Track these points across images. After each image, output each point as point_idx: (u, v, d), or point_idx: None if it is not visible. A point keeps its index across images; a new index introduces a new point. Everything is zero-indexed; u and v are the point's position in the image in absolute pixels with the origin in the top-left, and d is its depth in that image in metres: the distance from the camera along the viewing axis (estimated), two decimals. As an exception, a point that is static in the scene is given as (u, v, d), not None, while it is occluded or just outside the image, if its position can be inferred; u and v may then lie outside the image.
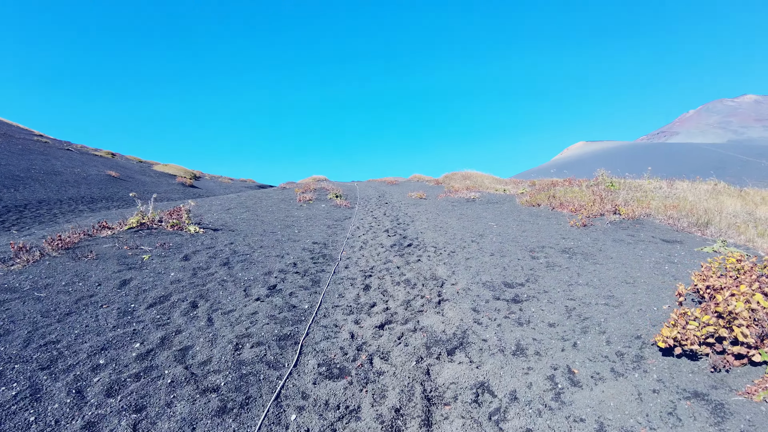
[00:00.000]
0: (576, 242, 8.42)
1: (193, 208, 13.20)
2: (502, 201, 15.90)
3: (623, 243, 8.13)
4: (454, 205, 15.91)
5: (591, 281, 5.94)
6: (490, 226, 11.03)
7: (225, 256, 7.29)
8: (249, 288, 5.82)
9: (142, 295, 5.35)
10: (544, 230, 9.96)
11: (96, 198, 17.79)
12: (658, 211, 10.52)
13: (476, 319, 4.89)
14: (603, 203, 11.35)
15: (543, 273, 6.50)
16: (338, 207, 15.25)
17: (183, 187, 28.28)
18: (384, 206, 16.21)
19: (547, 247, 8.15)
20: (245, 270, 6.59)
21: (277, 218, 12.05)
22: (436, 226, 11.30)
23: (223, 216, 11.68)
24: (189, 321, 4.73)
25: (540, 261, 7.20)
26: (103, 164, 27.95)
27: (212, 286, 5.79)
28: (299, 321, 4.87)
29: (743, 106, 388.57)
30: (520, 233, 9.77)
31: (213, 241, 8.27)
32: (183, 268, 6.47)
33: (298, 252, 7.97)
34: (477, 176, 26.65)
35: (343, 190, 21.81)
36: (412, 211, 14.56)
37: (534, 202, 13.68)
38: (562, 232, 9.63)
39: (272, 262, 7.12)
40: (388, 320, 4.93)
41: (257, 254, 7.58)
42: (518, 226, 10.74)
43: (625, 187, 13.06)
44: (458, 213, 13.88)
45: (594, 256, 7.28)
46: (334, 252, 8.20)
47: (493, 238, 9.28)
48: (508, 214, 12.87)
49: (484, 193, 18.59)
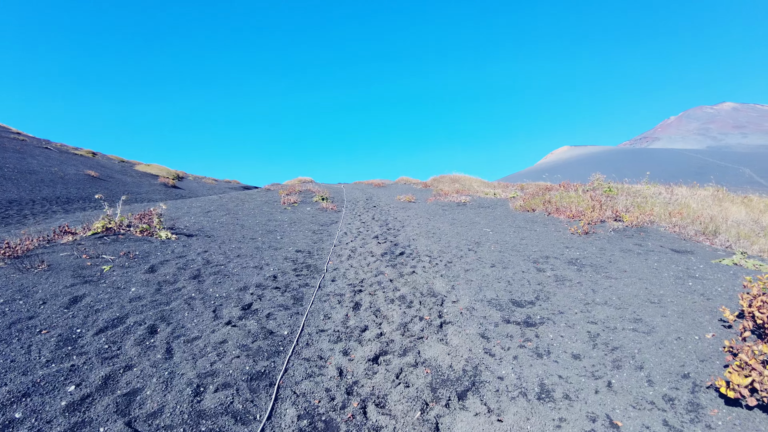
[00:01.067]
0: (582, 252, 7.73)
1: (170, 211, 12.21)
2: (494, 205, 15.24)
3: (632, 253, 7.47)
4: (444, 209, 15.19)
5: (610, 299, 5.22)
6: (486, 232, 10.31)
7: (196, 267, 6.39)
8: (220, 308, 4.93)
9: (93, 317, 4.43)
10: (544, 238, 9.27)
11: (72, 198, 16.59)
12: (661, 218, 9.94)
13: (487, 348, 4.10)
14: (602, 209, 10.74)
15: (553, 288, 5.77)
16: (324, 210, 14.38)
17: (165, 188, 27.01)
18: (372, 210, 15.40)
19: (552, 258, 7.44)
20: (217, 285, 5.71)
21: (258, 222, 11.14)
22: (429, 232, 10.53)
23: (200, 220, 10.72)
24: (143, 352, 3.84)
25: (547, 274, 6.48)
26: (82, 163, 26.52)
27: (177, 305, 4.89)
28: (277, 352, 4.01)
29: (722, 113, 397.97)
30: (519, 241, 9.06)
31: (185, 249, 7.35)
32: (146, 282, 5.55)
33: (279, 262, 7.10)
34: (465, 179, 26.06)
35: (330, 193, 20.93)
36: (401, 216, 13.78)
37: (528, 207, 13.03)
38: (563, 240, 8.95)
39: (249, 275, 6.24)
40: (383, 350, 4.09)
41: (233, 265, 6.68)
42: (515, 232, 10.03)
43: (624, 193, 12.49)
44: (450, 218, 13.14)
45: (605, 268, 6.59)
46: (320, 262, 7.35)
47: (491, 247, 8.55)
48: (502, 219, 12.18)
49: (475, 197, 17.93)
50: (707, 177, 17.13)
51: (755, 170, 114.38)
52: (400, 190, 24.30)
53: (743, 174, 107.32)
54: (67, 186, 18.86)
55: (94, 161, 30.28)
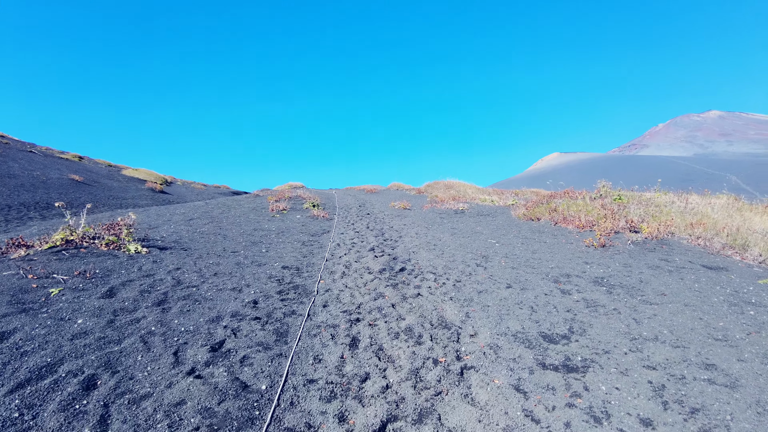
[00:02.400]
0: (605, 269, 6.81)
1: (150, 218, 11.10)
2: (494, 213, 14.34)
3: (662, 271, 6.57)
4: (442, 217, 14.25)
5: (660, 334, 4.28)
6: (491, 244, 9.37)
7: (164, 289, 5.32)
8: (184, 348, 3.89)
9: (15, 364, 3.36)
10: (557, 251, 8.35)
11: (52, 204, 15.35)
12: (681, 230, 9.09)
13: (527, 410, 3.10)
14: (615, 219, 9.87)
15: (587, 317, 4.83)
16: (315, 218, 13.34)
17: (152, 193, 25.65)
18: (366, 218, 14.40)
19: (574, 276, 6.51)
20: (185, 314, 4.66)
21: (243, 232, 10.08)
22: (429, 243, 9.56)
23: (180, 229, 9.64)
24: (66, 424, 2.82)
25: (573, 297, 5.54)
26: (67, 168, 25.08)
27: (130, 345, 3.84)
28: (250, 420, 2.92)
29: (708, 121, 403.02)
30: (531, 255, 8.13)
31: (154, 266, 6.28)
32: (99, 311, 4.48)
33: (262, 282, 6.06)
34: (460, 186, 25.22)
35: (321, 199, 19.90)
36: (397, 224, 12.80)
37: (533, 216, 12.14)
38: (580, 254, 8.04)
39: (225, 300, 5.19)
40: (391, 414, 3.05)
41: (207, 287, 5.63)
42: (524, 244, 9.11)
43: (635, 201, 11.66)
44: (449, 227, 12.20)
45: (639, 290, 5.66)
46: (309, 281, 6.32)
47: (502, 262, 7.60)
48: (506, 229, 11.26)
49: (473, 204, 17.04)
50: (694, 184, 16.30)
51: (741, 178, 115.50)
52: (393, 196, 23.36)
53: (730, 181, 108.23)
54: (48, 191, 17.56)
55: (80, 165, 28.86)
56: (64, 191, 18.18)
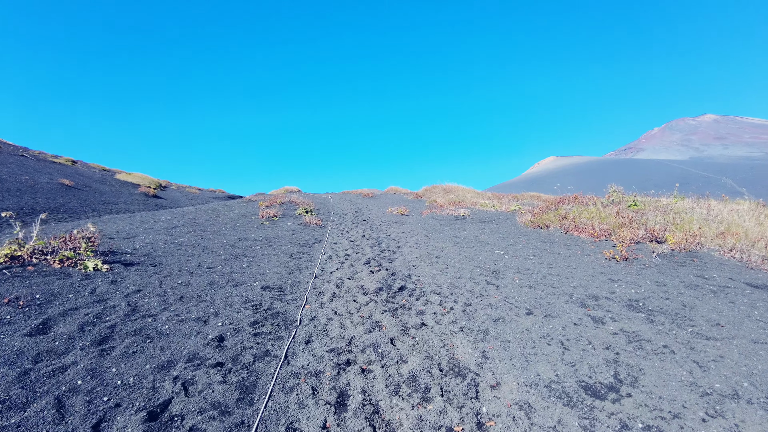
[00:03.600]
0: (636, 288, 5.83)
1: (131, 226, 10.04)
2: (497, 220, 13.36)
3: (704, 291, 5.59)
4: (442, 223, 13.26)
5: (740, 387, 3.28)
6: (500, 256, 8.38)
7: (112, 321, 4.30)
8: (111, 416, 2.79)
9: None
10: (575, 265, 7.37)
11: (38, 209, 14.15)
12: (709, 239, 8.14)
13: None
14: (634, 227, 8.91)
15: (633, 358, 3.83)
16: (307, 226, 12.31)
17: (145, 198, 24.46)
18: (362, 224, 13.39)
19: (602, 298, 5.52)
20: (128, 358, 3.64)
21: (226, 243, 9.04)
22: (430, 255, 8.56)
23: (158, 239, 8.60)
24: None
25: (609, 328, 4.55)
26: (59, 172, 23.88)
27: (36, 412, 2.76)
28: None
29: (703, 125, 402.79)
30: (547, 270, 7.15)
31: (111, 289, 5.25)
32: (17, 356, 3.44)
33: (235, 308, 5.03)
34: (459, 190, 24.24)
35: (316, 204, 18.88)
36: (395, 232, 11.80)
37: (540, 223, 11.17)
38: (601, 268, 7.06)
39: (184, 336, 4.16)
40: None
41: (167, 316, 4.60)
42: (537, 257, 8.12)
43: (651, 207, 10.70)
44: (451, 234, 11.21)
45: (687, 319, 4.67)
46: (292, 306, 5.29)
47: (515, 279, 6.61)
48: (513, 238, 10.28)
49: (474, 209, 16.06)
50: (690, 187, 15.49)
51: (736, 180, 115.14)
52: (390, 200, 22.36)
53: (725, 184, 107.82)
54: (35, 196, 16.43)
55: (73, 170, 27.68)
56: (51, 196, 17.07)
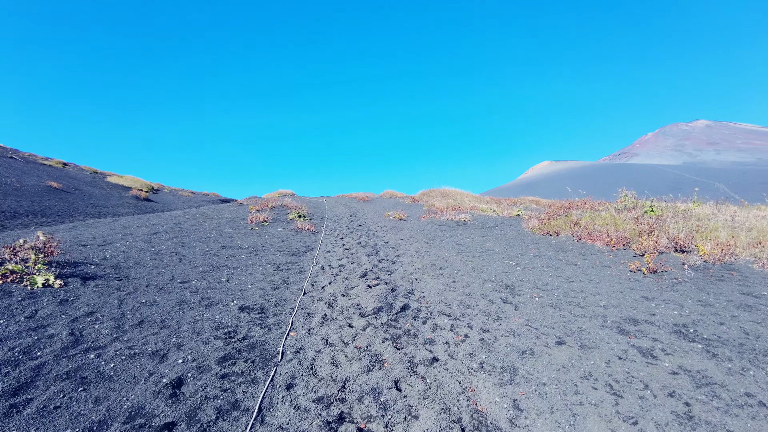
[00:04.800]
0: (679, 310, 4.95)
1: (111, 232, 9.05)
2: (501, 225, 12.50)
3: (763, 314, 4.73)
4: (443, 230, 12.38)
5: None
6: (511, 267, 7.49)
7: (42, 358, 3.33)
8: None
9: None
10: (598, 278, 6.50)
11: (21, 213, 13.11)
12: (743, 249, 7.31)
13: None
14: (655, 236, 8.06)
15: (712, 414, 2.91)
16: (299, 232, 11.36)
17: (136, 201, 23.31)
18: (357, 230, 12.46)
19: (642, 322, 4.64)
20: (44, 419, 2.63)
21: (208, 251, 8.09)
22: (434, 265, 7.66)
23: (133, 247, 7.63)
24: None
25: (664, 365, 3.65)
26: (48, 174, 22.71)
27: None
28: None
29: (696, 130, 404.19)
30: (568, 284, 6.26)
31: (57, 310, 4.29)
32: None
33: (203, 337, 4.07)
34: (457, 194, 23.37)
35: (309, 208, 17.94)
36: (393, 239, 10.89)
37: (550, 230, 10.31)
38: (629, 283, 6.18)
39: (131, 379, 3.19)
40: None
41: (116, 349, 3.65)
42: (552, 269, 7.25)
43: (670, 213, 9.87)
44: (454, 242, 10.32)
45: (761, 353, 3.80)
46: (274, 333, 4.35)
47: (535, 296, 5.72)
48: (522, 246, 9.41)
49: (474, 214, 15.19)
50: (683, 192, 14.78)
51: (729, 185, 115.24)
52: (386, 205, 21.47)
53: (718, 189, 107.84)
54: (19, 199, 15.37)
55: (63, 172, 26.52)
56: (37, 199, 16.01)
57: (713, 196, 14.43)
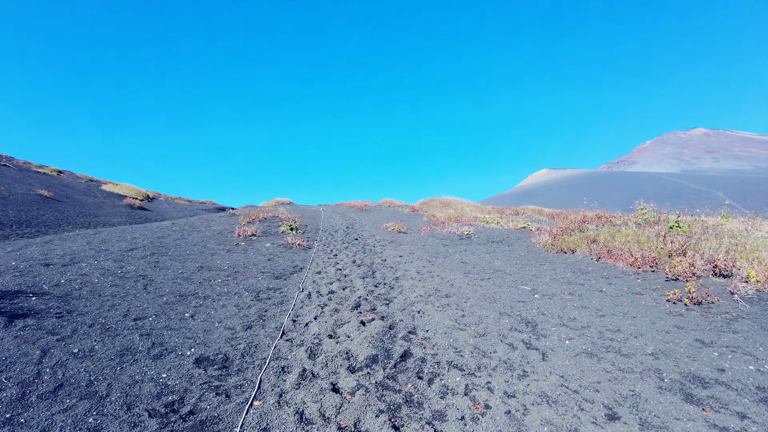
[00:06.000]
0: (756, 364, 3.84)
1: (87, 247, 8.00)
2: (509, 240, 11.44)
3: None
4: (446, 244, 11.34)
5: None
6: (527, 294, 6.43)
7: None
8: None
9: None
10: (633, 311, 5.43)
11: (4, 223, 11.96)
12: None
13: None
14: (690, 257, 7.00)
15: None
16: (289, 248, 10.29)
17: (130, 210, 22.18)
18: (353, 245, 11.40)
19: (711, 382, 3.56)
20: None
21: (182, 273, 7.01)
22: (438, 291, 6.60)
23: (97, 268, 6.55)
24: None
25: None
26: (40, 182, 21.64)
27: None
28: None
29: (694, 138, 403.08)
30: (599, 319, 5.20)
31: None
32: None
33: (132, 416, 2.88)
34: (457, 203, 22.29)
35: (305, 219, 16.89)
36: (392, 255, 9.83)
37: (564, 247, 9.25)
38: (673, 318, 5.11)
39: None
40: None
41: (1, 438, 2.62)
42: (576, 297, 6.19)
43: (699, 228, 8.82)
44: (458, 260, 9.26)
45: None
46: (232, 404, 3.22)
47: (563, 337, 4.66)
48: (535, 265, 8.34)
49: (477, 226, 14.14)
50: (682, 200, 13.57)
51: (727, 193, 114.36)
52: (385, 214, 20.43)
53: (716, 197, 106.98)
54: (6, 208, 14.30)
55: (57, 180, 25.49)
56: (25, 208, 14.98)
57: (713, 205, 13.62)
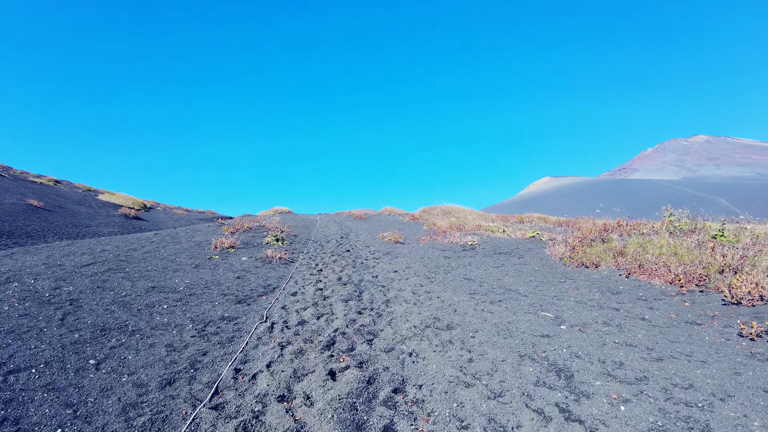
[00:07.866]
0: None
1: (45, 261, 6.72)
2: (518, 251, 9.97)
3: None
4: (447, 256, 9.87)
5: None
6: (552, 325, 4.94)
7: None
8: None
9: None
10: (700, 353, 3.94)
11: None
12: None
13: None
14: (754, 275, 5.51)
15: None
16: (267, 262, 8.85)
17: (124, 220, 20.77)
18: (343, 258, 9.95)
19: None
20: None
21: (123, 297, 5.57)
22: (437, 321, 5.14)
23: (29, 288, 5.17)
24: None
25: None
26: (34, 192, 20.38)
27: None
28: None
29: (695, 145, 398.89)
30: (656, 366, 3.72)
31: None
32: None
33: None
34: (459, 211, 20.80)
35: (298, 228, 15.48)
36: (384, 271, 8.37)
37: (585, 260, 7.77)
38: (760, 365, 3.66)
39: None
40: None
41: None
42: (612, 327, 4.70)
43: (749, 238, 7.32)
44: (461, 275, 7.79)
45: None
46: None
47: (614, 398, 3.20)
48: (554, 283, 6.87)
49: (482, 235, 12.67)
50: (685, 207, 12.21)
51: (730, 200, 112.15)
52: (384, 223, 18.98)
53: (719, 204, 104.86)
54: None
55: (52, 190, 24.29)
56: (10, 219, 13.69)
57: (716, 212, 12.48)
